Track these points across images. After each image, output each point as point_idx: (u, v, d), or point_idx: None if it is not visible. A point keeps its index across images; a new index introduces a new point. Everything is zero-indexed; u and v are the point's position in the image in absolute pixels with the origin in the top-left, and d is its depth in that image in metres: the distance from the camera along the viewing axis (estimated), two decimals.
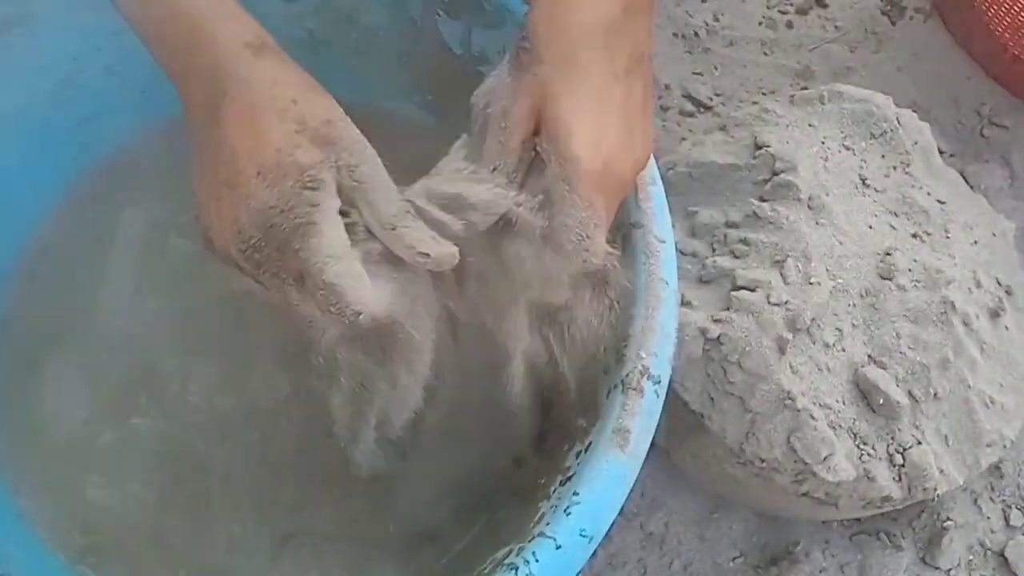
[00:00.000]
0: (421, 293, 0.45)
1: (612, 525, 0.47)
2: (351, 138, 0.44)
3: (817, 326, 0.62)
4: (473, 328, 0.49)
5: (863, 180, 0.68)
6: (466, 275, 0.46)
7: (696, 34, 0.96)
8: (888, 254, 0.65)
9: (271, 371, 0.66)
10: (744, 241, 0.66)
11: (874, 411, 0.60)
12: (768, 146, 0.69)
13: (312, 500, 0.63)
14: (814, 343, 0.62)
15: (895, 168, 0.69)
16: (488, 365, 0.49)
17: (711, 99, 0.92)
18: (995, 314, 0.65)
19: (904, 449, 0.60)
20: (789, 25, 0.97)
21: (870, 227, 0.66)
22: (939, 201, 0.68)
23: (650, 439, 0.49)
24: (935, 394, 0.60)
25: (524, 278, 0.44)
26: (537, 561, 0.44)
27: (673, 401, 0.62)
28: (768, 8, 0.98)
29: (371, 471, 0.51)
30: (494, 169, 0.44)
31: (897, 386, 0.60)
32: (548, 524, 0.45)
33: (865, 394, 0.60)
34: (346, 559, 0.62)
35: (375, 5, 0.66)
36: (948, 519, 0.74)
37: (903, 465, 0.59)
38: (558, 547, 0.44)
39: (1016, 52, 0.88)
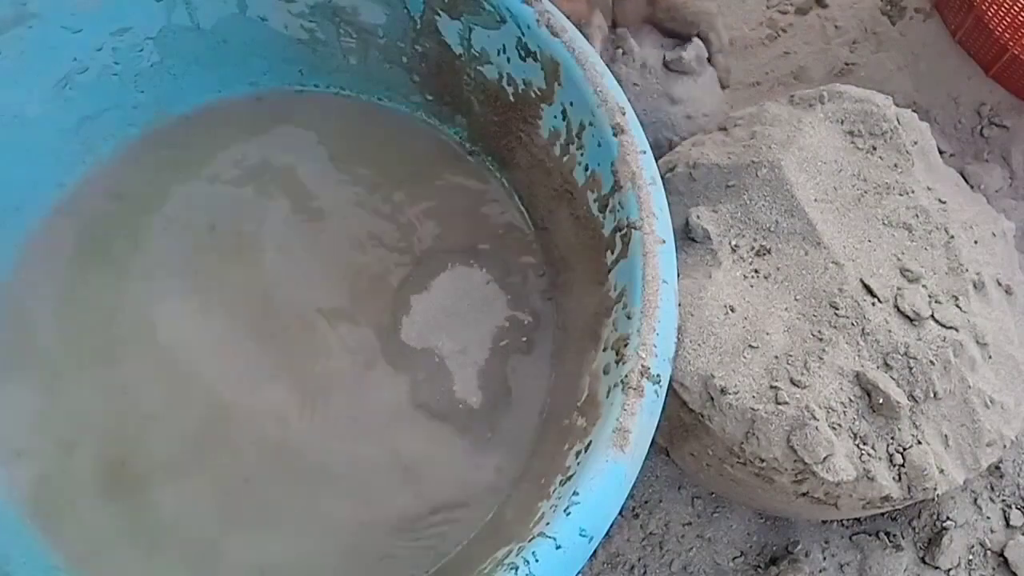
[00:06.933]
0: None
1: (612, 525, 0.47)
2: None
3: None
4: None
5: (863, 180, 0.68)
6: None
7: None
8: (888, 254, 0.65)
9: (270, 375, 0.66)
10: (742, 239, 0.66)
11: (874, 411, 0.60)
12: (768, 146, 0.69)
13: None
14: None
15: (895, 168, 0.69)
16: None
17: None
18: (995, 314, 0.65)
19: (904, 449, 0.60)
20: (789, 25, 0.97)
21: (869, 227, 0.66)
22: (939, 201, 0.68)
23: (650, 439, 0.49)
24: (935, 394, 0.60)
25: None
26: (537, 561, 0.44)
27: (673, 401, 0.62)
28: (768, 8, 0.98)
29: None
30: None
31: (897, 386, 0.60)
32: (548, 524, 0.45)
33: (865, 394, 0.60)
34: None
35: (375, 5, 0.66)
36: (948, 519, 0.74)
37: (903, 465, 0.59)
38: (558, 547, 0.44)
39: (1016, 52, 0.87)
